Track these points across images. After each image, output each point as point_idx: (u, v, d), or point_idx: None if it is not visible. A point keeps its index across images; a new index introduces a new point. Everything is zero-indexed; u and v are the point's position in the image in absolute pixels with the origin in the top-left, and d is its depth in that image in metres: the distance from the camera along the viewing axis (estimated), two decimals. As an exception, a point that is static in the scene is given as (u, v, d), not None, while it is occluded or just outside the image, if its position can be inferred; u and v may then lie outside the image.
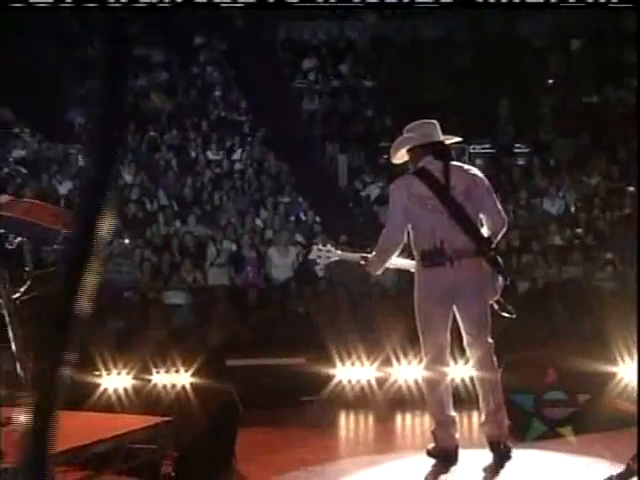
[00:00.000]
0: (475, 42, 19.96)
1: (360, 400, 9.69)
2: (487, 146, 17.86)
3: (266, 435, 8.31)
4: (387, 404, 9.56)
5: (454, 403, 7.38)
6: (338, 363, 9.77)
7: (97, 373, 8.56)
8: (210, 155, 17.73)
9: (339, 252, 7.70)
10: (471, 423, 8.67)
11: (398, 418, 9.28)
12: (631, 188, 15.00)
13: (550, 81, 19.54)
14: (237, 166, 17.42)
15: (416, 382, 9.49)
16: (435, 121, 7.46)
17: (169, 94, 19.47)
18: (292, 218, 15.80)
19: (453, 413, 7.39)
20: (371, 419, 9.25)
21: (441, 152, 7.31)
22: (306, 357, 9.78)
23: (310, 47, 20.67)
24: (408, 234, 7.21)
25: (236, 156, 17.74)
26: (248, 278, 14.09)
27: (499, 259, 7.26)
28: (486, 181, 7.26)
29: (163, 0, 9.95)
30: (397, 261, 7.52)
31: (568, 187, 16.08)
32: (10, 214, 6.75)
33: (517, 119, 18.31)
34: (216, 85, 19.86)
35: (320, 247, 7.72)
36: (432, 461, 7.27)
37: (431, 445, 7.43)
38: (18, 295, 6.97)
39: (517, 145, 17.72)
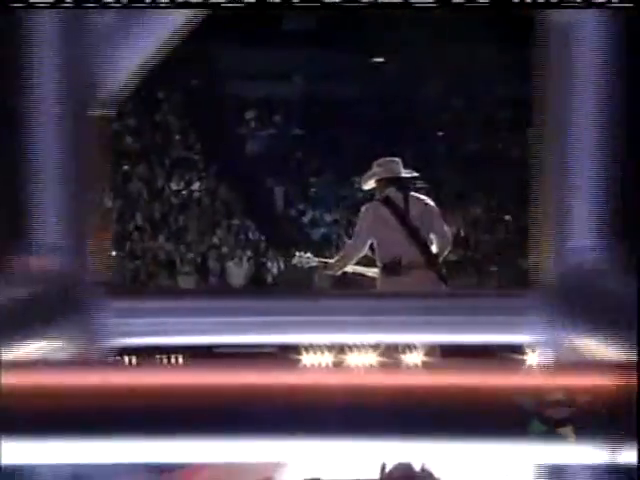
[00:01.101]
0: (379, 100, 19.92)
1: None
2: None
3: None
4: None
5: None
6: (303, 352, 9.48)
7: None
8: (173, 186, 17.32)
9: (315, 258, 7.59)
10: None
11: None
12: (507, 217, 15.05)
13: (440, 133, 19.51)
14: (196, 195, 17.07)
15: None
16: (398, 159, 7.36)
17: (138, 136, 18.97)
18: (242, 237, 15.50)
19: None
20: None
21: (402, 184, 7.24)
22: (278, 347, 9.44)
23: (250, 102, 20.34)
24: (372, 248, 7.13)
25: (195, 187, 17.37)
26: (210, 284, 13.80)
27: (443, 271, 7.18)
28: (436, 208, 7.27)
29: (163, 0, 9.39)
30: (357, 268, 7.45)
31: (457, 215, 16.02)
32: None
33: (417, 160, 18.16)
34: (175, 130, 19.37)
35: (301, 254, 7.61)
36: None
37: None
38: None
39: (417, 181, 17.47)
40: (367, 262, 8.05)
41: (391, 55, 21.04)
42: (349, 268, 8.33)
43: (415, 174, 8.27)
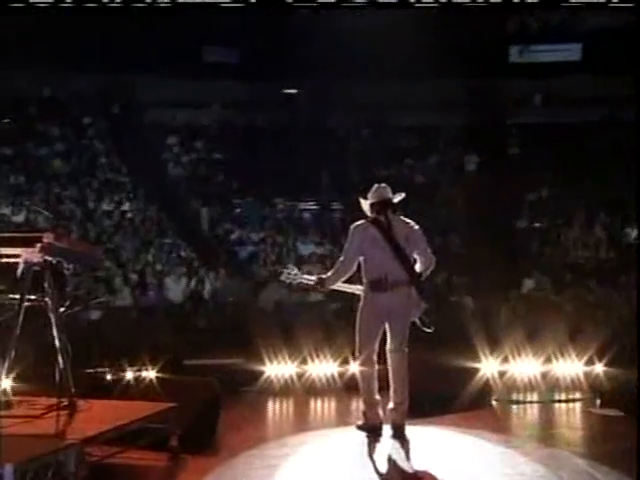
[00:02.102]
0: (294, 130, 20.34)
1: (283, 390, 9.69)
2: (312, 204, 18.02)
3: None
4: (303, 393, 9.61)
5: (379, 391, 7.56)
6: (267, 362, 9.73)
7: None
8: (104, 206, 17.29)
9: (301, 275, 7.81)
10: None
11: (312, 403, 9.31)
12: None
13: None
14: (127, 215, 17.08)
15: (326, 376, 9.66)
16: (386, 185, 7.69)
17: (65, 160, 18.90)
18: (174, 255, 15.58)
19: (378, 397, 7.56)
20: (292, 404, 9.26)
21: (387, 208, 7.55)
22: (244, 357, 9.70)
23: (172, 128, 20.49)
24: (359, 266, 7.45)
25: (125, 207, 17.35)
26: (150, 300, 13.84)
27: (424, 288, 7.53)
28: (420, 230, 7.57)
29: (163, 0, 9.30)
30: (343, 286, 7.73)
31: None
32: (64, 245, 6.51)
33: (334, 184, 18.63)
34: (102, 154, 19.34)
35: (289, 271, 7.83)
36: (357, 433, 7.42)
37: (360, 422, 7.58)
38: (63, 310, 6.72)
39: (334, 203, 17.95)
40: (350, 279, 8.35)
41: (303, 87, 21.58)
42: (339, 287, 8.59)
43: (403, 195, 8.64)
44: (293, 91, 21.38)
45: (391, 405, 7.47)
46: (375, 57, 19.21)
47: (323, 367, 9.82)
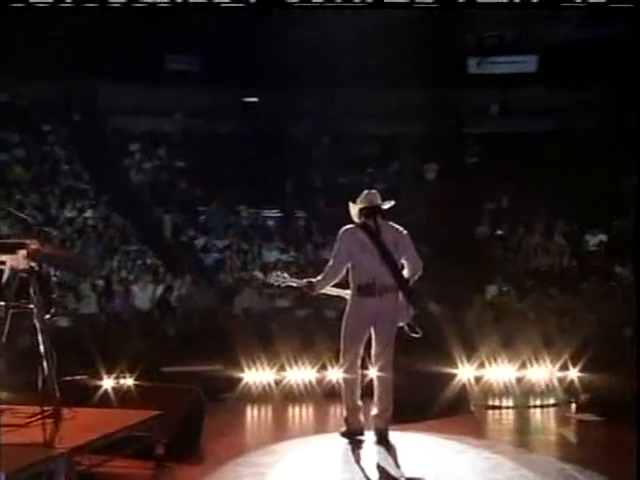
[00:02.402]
0: (256, 138, 20.25)
1: (262, 396, 9.55)
2: (276, 211, 17.90)
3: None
4: (282, 399, 9.49)
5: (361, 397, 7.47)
6: (245, 369, 9.60)
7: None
8: (67, 213, 16.99)
9: (289, 278, 7.72)
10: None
11: (292, 410, 9.20)
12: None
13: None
14: (90, 222, 16.79)
15: (304, 383, 9.55)
16: (376, 191, 7.62)
17: (26, 166, 18.56)
18: (140, 262, 15.34)
19: (360, 403, 7.47)
20: (271, 411, 9.13)
21: (376, 213, 7.47)
22: (220, 364, 9.55)
23: (134, 135, 20.25)
24: (347, 270, 7.36)
25: (88, 214, 17.07)
26: (116, 307, 13.60)
27: (412, 293, 7.45)
28: (408, 236, 7.49)
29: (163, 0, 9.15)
30: (332, 290, 7.64)
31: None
32: (50, 252, 6.33)
33: (298, 193, 18.56)
34: (63, 161, 19.04)
35: (278, 273, 7.73)
36: (341, 440, 7.33)
37: (343, 429, 7.49)
38: (48, 317, 6.54)
39: (298, 211, 17.86)
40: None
41: (264, 95, 21.49)
42: (328, 290, 8.47)
43: (392, 203, 8.55)
44: (254, 99, 21.23)
45: (375, 411, 7.38)
46: (337, 66, 19.21)
47: (301, 373, 9.70)
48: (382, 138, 20.18)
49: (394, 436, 7.24)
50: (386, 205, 7.59)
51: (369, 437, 7.27)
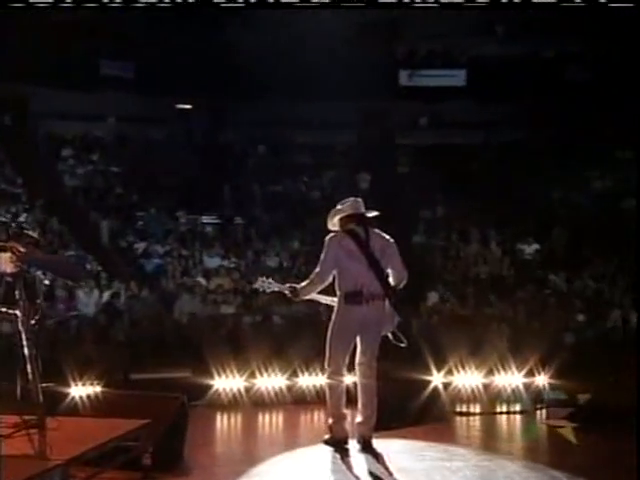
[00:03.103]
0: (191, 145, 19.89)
1: (232, 403, 9.19)
2: (215, 217, 17.51)
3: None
4: (252, 406, 9.16)
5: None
6: (215, 375, 9.22)
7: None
8: (1, 218, 16.22)
9: (275, 283, 7.41)
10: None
11: (260, 416, 8.88)
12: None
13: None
14: (25, 226, 16.02)
15: (274, 390, 9.22)
16: (360, 199, 7.38)
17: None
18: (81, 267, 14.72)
19: (345, 411, 7.23)
20: (240, 418, 8.80)
21: (365, 220, 7.23)
22: (192, 370, 9.14)
23: (66, 140, 19.59)
24: (333, 277, 7.11)
25: (22, 219, 16.34)
26: (60, 312, 13.02)
27: (398, 302, 7.24)
28: (394, 244, 7.26)
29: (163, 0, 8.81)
30: (318, 297, 7.38)
31: (281, 248, 16.14)
32: (41, 256, 5.89)
33: (235, 199, 18.21)
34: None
35: (263, 279, 7.41)
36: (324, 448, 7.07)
37: (326, 437, 7.23)
38: (34, 322, 6.09)
39: (237, 218, 17.50)
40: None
41: (198, 102, 21.07)
42: (313, 297, 8.14)
43: (375, 213, 8.29)
44: (188, 106, 20.81)
45: (359, 419, 7.14)
46: (271, 76, 18.99)
47: (270, 381, 9.39)
48: (316, 147, 19.99)
49: (378, 443, 6.99)
50: (371, 214, 7.38)
51: (353, 445, 7.01)
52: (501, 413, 8.99)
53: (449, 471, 6.27)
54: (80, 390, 7.73)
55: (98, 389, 7.61)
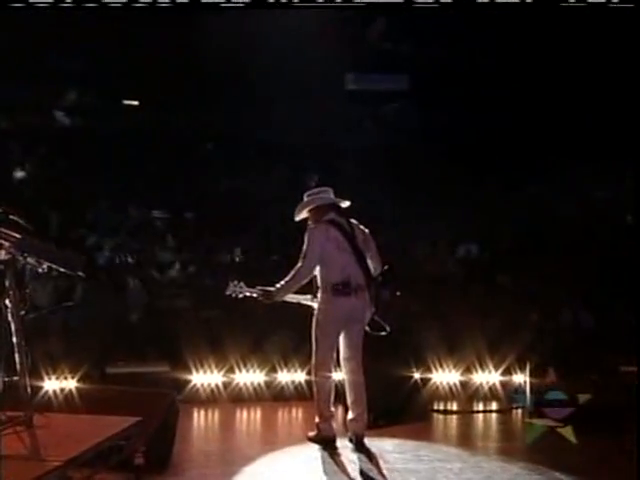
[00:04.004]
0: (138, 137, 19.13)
1: (210, 399, 8.64)
2: (165, 212, 16.88)
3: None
4: (231, 402, 8.63)
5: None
6: (194, 370, 8.66)
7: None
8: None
9: (246, 287, 6.91)
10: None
11: (237, 412, 8.36)
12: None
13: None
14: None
15: (253, 385, 8.71)
16: (330, 188, 6.99)
17: None
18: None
19: (333, 409, 6.81)
20: (217, 413, 8.26)
21: (343, 210, 6.89)
22: (169, 365, 8.56)
23: (11, 131, 18.69)
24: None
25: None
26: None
27: (376, 293, 6.88)
28: (370, 235, 6.94)
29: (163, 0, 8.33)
30: (292, 296, 6.94)
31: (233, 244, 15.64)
32: (38, 243, 5.32)
33: (188, 195, 17.60)
34: None
35: (235, 283, 6.88)
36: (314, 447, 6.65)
37: (312, 433, 6.79)
38: (23, 312, 5.52)
39: (187, 213, 16.90)
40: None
41: (145, 99, 20.36)
42: (289, 297, 7.54)
43: (348, 203, 7.81)
44: (135, 102, 20.08)
45: (351, 416, 6.73)
46: (222, 71, 18.45)
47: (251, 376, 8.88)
48: (267, 146, 19.53)
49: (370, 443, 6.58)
50: (344, 204, 7.01)
51: (344, 444, 6.58)
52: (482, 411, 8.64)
53: (452, 473, 5.87)
54: (54, 384, 7.11)
55: (73, 384, 7.00)
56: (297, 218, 6.96)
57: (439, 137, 19.47)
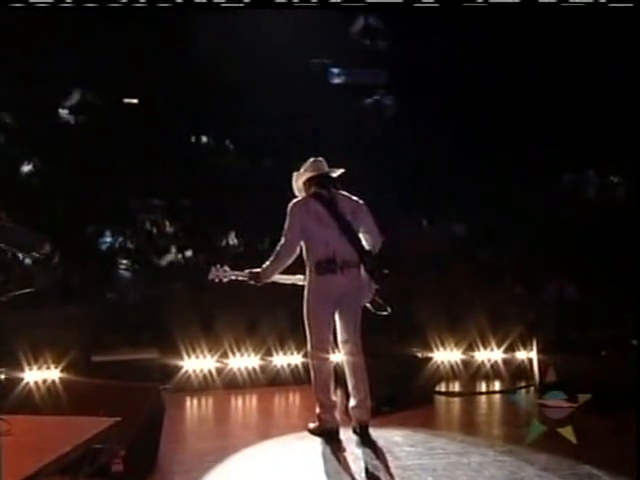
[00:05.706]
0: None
1: (203, 386, 7.33)
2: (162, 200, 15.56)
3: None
4: (225, 389, 7.33)
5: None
6: (185, 356, 7.34)
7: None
8: None
9: (230, 271, 5.62)
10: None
11: (231, 401, 7.07)
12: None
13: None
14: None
15: (247, 370, 7.39)
16: (321, 158, 5.72)
17: None
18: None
19: (335, 398, 5.50)
20: (211, 402, 6.97)
21: (330, 181, 5.62)
22: (160, 351, 7.24)
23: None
24: (301, 248, 5.43)
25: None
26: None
27: (375, 268, 5.59)
28: (366, 207, 5.64)
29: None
30: (282, 277, 5.67)
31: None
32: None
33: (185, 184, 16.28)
34: None
35: (217, 267, 5.58)
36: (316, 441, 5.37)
37: (313, 425, 5.50)
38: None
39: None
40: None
41: (144, 98, 19.10)
42: (278, 278, 6.17)
43: (341, 170, 6.51)
44: (134, 101, 18.72)
45: (353, 402, 5.45)
46: (209, 74, 17.14)
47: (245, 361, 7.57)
48: (255, 139, 18.26)
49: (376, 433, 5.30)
50: (336, 173, 5.72)
51: (348, 435, 5.30)
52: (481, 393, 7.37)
53: (470, 469, 4.59)
54: (35, 375, 5.77)
55: (57, 377, 5.67)
56: (297, 193, 5.76)
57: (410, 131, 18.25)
